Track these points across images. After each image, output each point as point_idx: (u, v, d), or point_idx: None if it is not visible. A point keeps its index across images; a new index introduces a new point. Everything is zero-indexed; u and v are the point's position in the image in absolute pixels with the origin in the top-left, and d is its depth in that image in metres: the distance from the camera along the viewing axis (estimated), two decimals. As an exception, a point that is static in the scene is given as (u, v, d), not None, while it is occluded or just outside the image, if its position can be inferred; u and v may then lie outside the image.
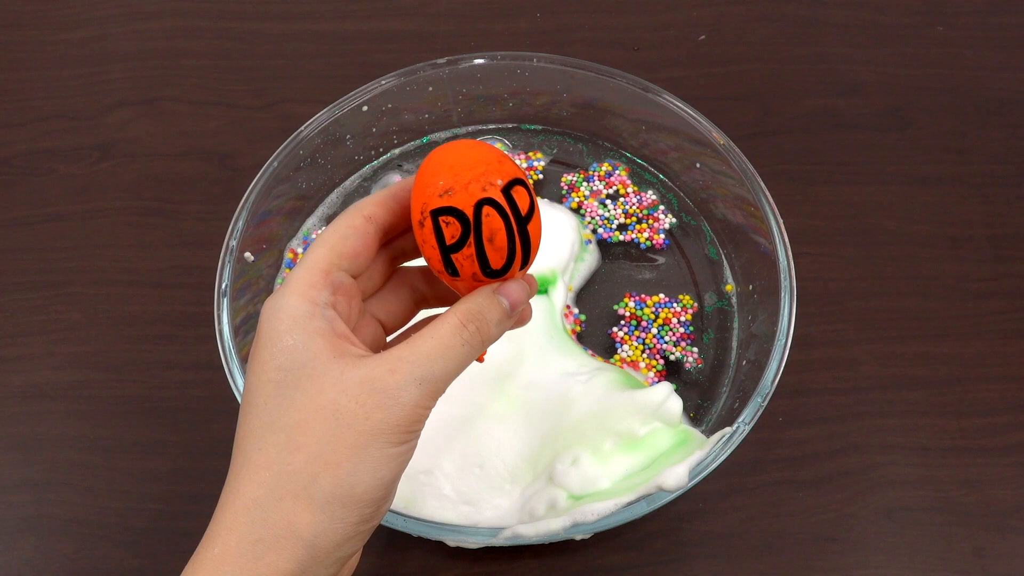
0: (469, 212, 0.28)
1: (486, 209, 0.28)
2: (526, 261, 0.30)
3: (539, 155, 0.64)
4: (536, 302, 0.55)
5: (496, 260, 0.29)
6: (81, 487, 0.53)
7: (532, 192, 0.29)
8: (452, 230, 0.28)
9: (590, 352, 0.54)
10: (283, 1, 0.75)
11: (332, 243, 0.33)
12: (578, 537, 0.47)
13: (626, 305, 0.57)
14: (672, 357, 0.55)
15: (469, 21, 0.74)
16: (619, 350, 0.55)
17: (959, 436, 0.55)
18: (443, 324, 0.32)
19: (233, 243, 0.53)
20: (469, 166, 0.28)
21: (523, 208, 0.28)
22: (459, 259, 0.29)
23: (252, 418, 0.31)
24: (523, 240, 0.28)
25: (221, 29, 0.74)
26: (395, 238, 0.36)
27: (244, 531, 0.30)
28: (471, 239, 0.28)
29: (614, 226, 0.60)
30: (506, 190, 0.27)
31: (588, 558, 0.50)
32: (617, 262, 0.59)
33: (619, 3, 0.75)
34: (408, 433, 0.31)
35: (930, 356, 0.58)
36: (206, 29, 0.74)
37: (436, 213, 0.28)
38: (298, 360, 0.31)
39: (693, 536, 0.51)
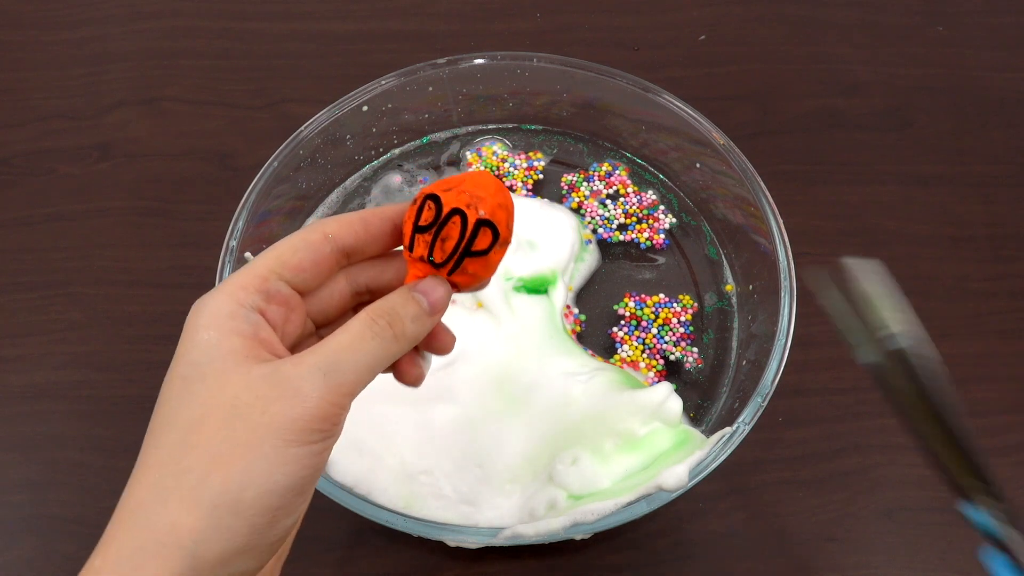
0: (445, 210, 0.31)
1: (455, 217, 0.31)
2: (457, 270, 0.32)
3: (539, 155, 0.64)
4: (536, 302, 0.55)
5: (438, 256, 0.32)
6: (81, 487, 0.53)
7: (496, 240, 0.32)
8: (428, 215, 0.31)
9: (590, 352, 0.54)
10: (283, 1, 0.75)
11: (280, 252, 0.31)
12: (578, 537, 0.47)
13: (626, 305, 0.57)
14: (672, 357, 0.55)
15: (469, 21, 0.74)
16: (619, 350, 0.55)
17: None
18: (354, 320, 0.31)
19: (233, 243, 0.53)
20: (479, 187, 0.31)
21: (478, 245, 0.31)
22: (419, 239, 0.32)
23: (155, 415, 0.29)
24: (461, 259, 0.32)
25: (221, 29, 0.74)
26: (357, 263, 0.34)
27: (126, 538, 0.27)
28: (434, 229, 0.31)
29: (614, 226, 0.60)
30: (480, 221, 0.31)
31: (588, 558, 0.50)
32: (617, 262, 0.59)
33: (619, 3, 0.75)
34: (312, 431, 0.28)
35: (930, 356, 0.57)
36: (206, 29, 0.74)
37: (427, 196, 0.32)
38: (209, 356, 0.29)
39: (693, 536, 0.51)
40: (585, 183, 0.62)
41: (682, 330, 0.56)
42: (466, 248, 0.31)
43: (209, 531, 0.27)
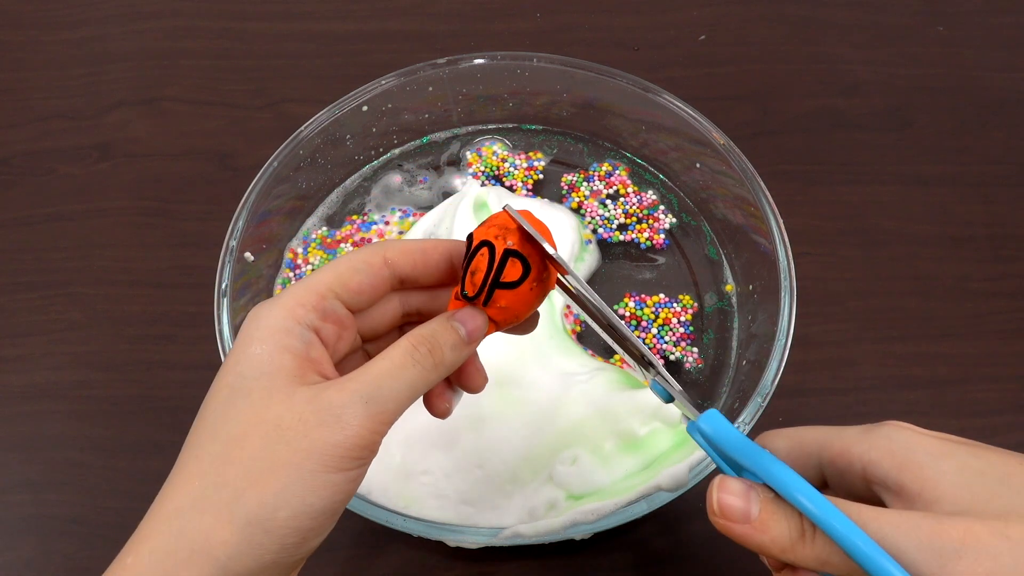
0: (475, 243, 0.32)
1: (483, 249, 0.32)
2: (489, 302, 0.32)
3: (539, 155, 0.64)
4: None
5: (469, 288, 0.32)
6: (81, 487, 0.53)
7: (528, 273, 0.32)
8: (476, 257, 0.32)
9: (590, 352, 0.54)
10: (283, 1, 0.75)
11: (341, 271, 0.32)
12: (578, 537, 0.47)
13: (626, 305, 0.57)
14: (672, 357, 0.55)
15: (469, 21, 0.74)
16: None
17: (959, 436, 0.55)
18: (395, 347, 0.31)
19: (233, 243, 0.53)
20: (510, 220, 0.32)
21: (507, 276, 0.31)
22: (465, 277, 0.32)
23: (199, 422, 0.30)
24: (491, 292, 0.32)
25: (221, 29, 0.74)
26: (411, 289, 0.35)
27: (160, 541, 0.28)
28: (464, 262, 0.32)
29: (614, 226, 0.60)
30: (508, 252, 0.31)
31: (588, 558, 0.50)
32: (617, 262, 0.59)
33: (619, 3, 0.75)
34: (351, 459, 0.29)
35: (930, 356, 0.57)
36: (206, 29, 0.74)
37: (476, 235, 0.32)
38: (258, 370, 0.29)
39: (693, 536, 0.51)
40: (585, 183, 0.62)
41: (682, 330, 0.56)
42: (495, 280, 0.32)
43: (241, 546, 0.28)
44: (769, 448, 0.34)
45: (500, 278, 0.31)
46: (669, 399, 0.36)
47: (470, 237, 0.32)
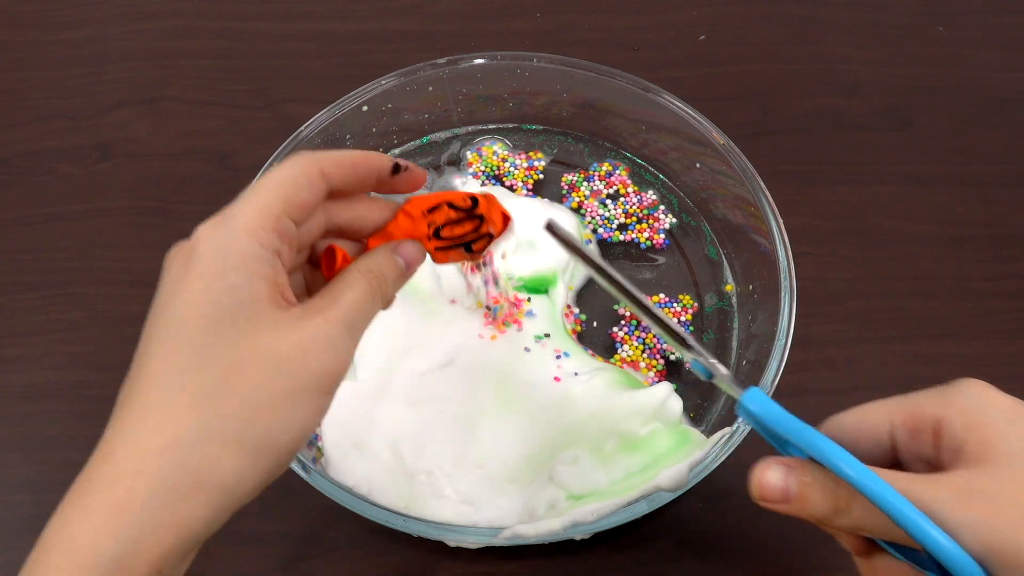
0: (479, 210, 0.37)
1: (476, 221, 0.37)
2: (446, 250, 0.37)
3: (539, 155, 0.64)
4: (537, 302, 0.55)
5: (446, 232, 0.36)
6: (81, 487, 0.53)
7: (483, 252, 0.38)
8: (461, 206, 0.37)
9: (590, 352, 0.54)
10: (283, 1, 0.75)
11: (287, 190, 0.31)
12: (578, 537, 0.47)
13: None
14: (672, 357, 0.55)
15: (469, 21, 0.74)
16: (619, 350, 0.55)
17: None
18: (354, 279, 0.32)
19: (233, 243, 0.53)
20: (497, 212, 0.38)
21: (475, 247, 0.38)
22: (441, 214, 0.36)
23: (174, 353, 0.29)
24: (457, 247, 0.37)
25: (221, 29, 0.73)
26: (335, 200, 0.35)
27: (158, 475, 0.28)
28: (463, 216, 0.36)
29: (614, 226, 0.60)
30: (490, 237, 0.38)
31: (588, 558, 0.50)
32: (617, 262, 0.59)
33: (619, 3, 0.75)
34: (336, 384, 0.31)
35: (930, 356, 0.57)
36: (205, 29, 0.73)
37: (472, 198, 0.37)
38: (238, 300, 0.29)
39: (693, 536, 0.51)
40: (585, 183, 0.62)
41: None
42: (467, 243, 0.36)
43: (248, 470, 0.29)
44: (834, 425, 0.36)
45: (471, 245, 0.37)
46: (709, 376, 0.38)
47: (474, 199, 0.36)
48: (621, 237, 0.60)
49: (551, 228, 0.37)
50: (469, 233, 0.37)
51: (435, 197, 0.36)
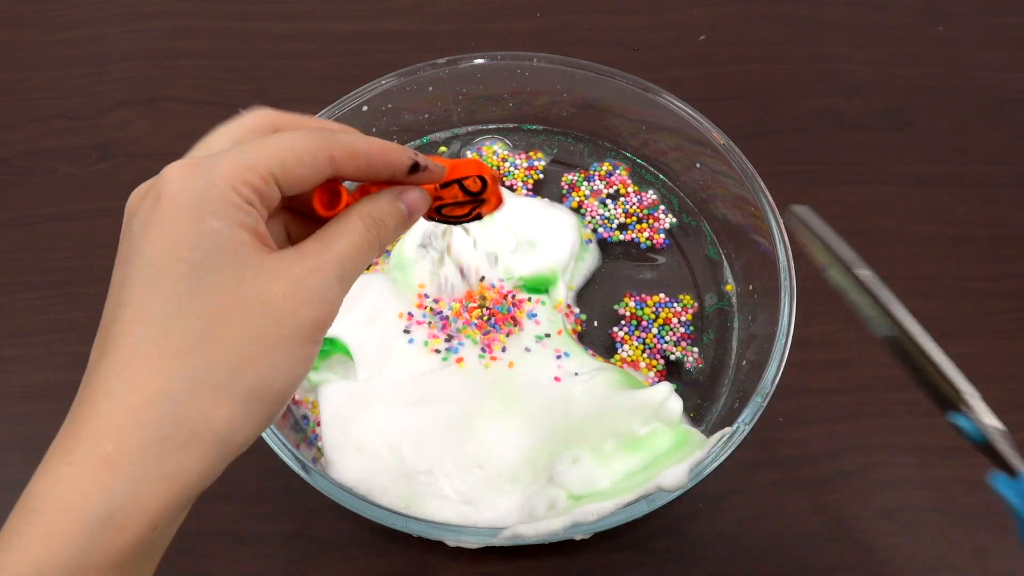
0: (488, 181, 0.36)
1: (487, 182, 0.35)
2: (446, 207, 0.36)
3: (540, 155, 0.64)
4: (537, 302, 0.55)
5: (455, 189, 0.35)
6: (81, 487, 0.53)
7: (468, 214, 0.37)
8: (471, 186, 0.36)
9: (590, 352, 0.54)
10: (283, 1, 0.75)
11: (286, 158, 0.30)
12: (578, 537, 0.47)
13: (626, 305, 0.57)
14: (672, 357, 0.55)
15: (469, 21, 0.74)
16: (619, 350, 0.55)
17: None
18: (352, 225, 0.31)
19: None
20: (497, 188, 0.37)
21: (472, 209, 0.37)
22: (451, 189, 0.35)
23: (152, 299, 0.28)
24: (463, 205, 0.36)
25: (220, 29, 0.73)
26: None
27: (149, 427, 0.26)
28: (476, 177, 0.35)
29: (614, 226, 0.60)
30: (483, 203, 0.36)
31: (588, 558, 0.50)
32: (617, 262, 0.59)
33: (619, 3, 0.75)
34: (323, 332, 0.30)
35: (930, 356, 0.57)
36: (205, 29, 0.73)
37: (480, 177, 0.36)
38: (219, 245, 0.28)
39: (693, 536, 0.51)
40: (585, 182, 0.62)
41: (682, 330, 0.56)
42: (474, 203, 0.36)
43: (241, 420, 0.28)
44: None
45: (477, 208, 0.36)
46: (979, 438, 0.32)
47: (484, 181, 0.35)
48: (621, 237, 0.60)
49: (797, 215, 0.34)
50: (466, 215, 0.36)
51: (451, 168, 0.35)
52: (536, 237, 0.57)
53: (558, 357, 0.53)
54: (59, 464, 0.27)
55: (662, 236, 0.60)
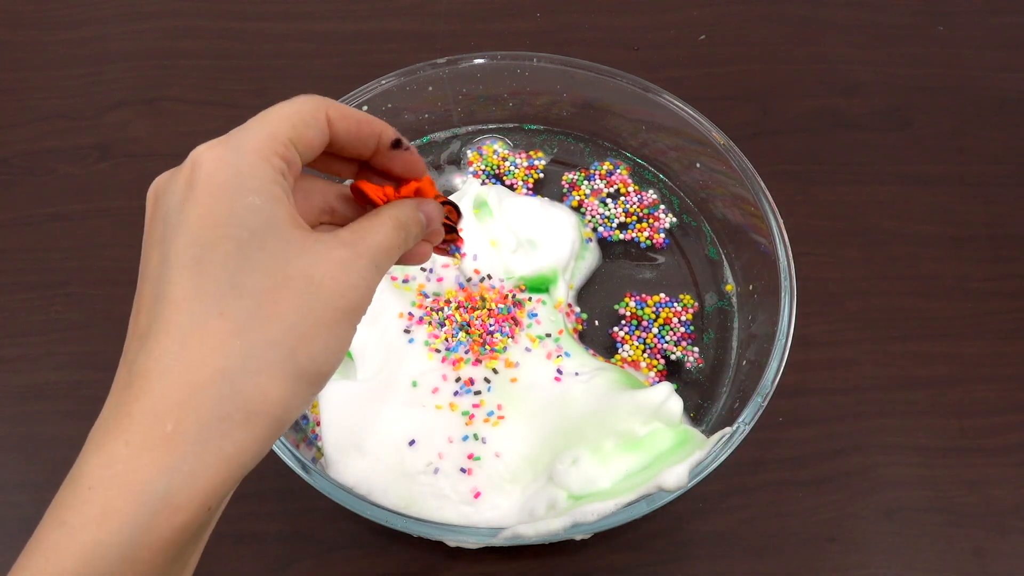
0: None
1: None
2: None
3: (540, 154, 0.64)
4: (538, 301, 0.55)
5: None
6: (81, 487, 0.53)
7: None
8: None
9: (591, 352, 0.54)
10: (283, 1, 0.75)
11: (295, 122, 0.30)
12: (578, 537, 0.47)
13: (627, 305, 0.57)
14: (673, 357, 0.55)
15: (469, 21, 0.74)
16: (620, 350, 0.55)
17: (959, 436, 0.55)
18: (385, 222, 0.32)
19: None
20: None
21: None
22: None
23: (202, 278, 0.27)
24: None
25: (221, 29, 0.74)
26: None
27: (208, 406, 0.26)
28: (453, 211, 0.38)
29: (614, 225, 0.60)
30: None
31: (588, 558, 0.50)
32: (617, 261, 0.59)
33: (619, 3, 0.75)
34: (361, 317, 0.31)
35: (930, 356, 0.58)
36: (205, 29, 0.74)
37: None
38: (263, 222, 0.28)
39: (693, 536, 0.51)
40: (586, 182, 0.62)
41: (683, 330, 0.56)
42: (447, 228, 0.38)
43: (292, 398, 0.28)
44: None
45: (453, 241, 0.38)
46: None
47: (453, 205, 0.37)
48: (621, 236, 0.60)
49: None
50: (444, 240, 0.38)
51: (440, 197, 0.36)
52: (536, 236, 0.57)
53: (558, 357, 0.53)
54: (115, 443, 0.27)
55: (662, 236, 0.60)
